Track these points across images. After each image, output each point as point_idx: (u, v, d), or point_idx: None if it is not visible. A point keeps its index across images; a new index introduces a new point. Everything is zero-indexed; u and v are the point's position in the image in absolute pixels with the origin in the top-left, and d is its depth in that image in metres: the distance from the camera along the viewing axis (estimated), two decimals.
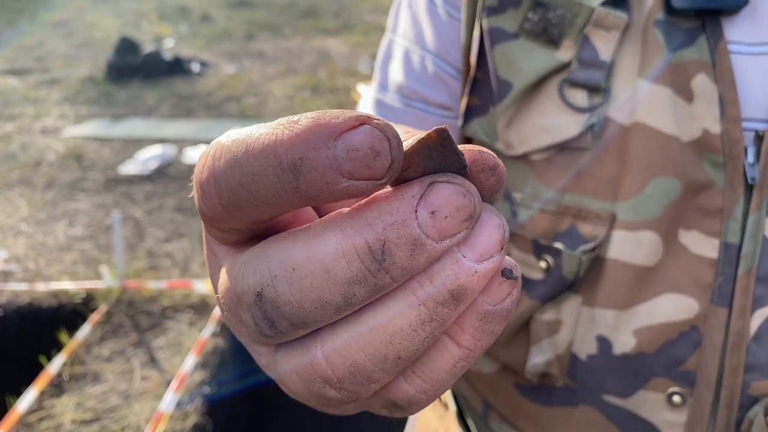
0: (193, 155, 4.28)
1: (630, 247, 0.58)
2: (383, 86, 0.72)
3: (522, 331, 0.65)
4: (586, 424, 0.63)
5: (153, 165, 4.11)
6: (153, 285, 2.79)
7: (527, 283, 0.64)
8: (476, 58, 0.64)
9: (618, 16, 0.56)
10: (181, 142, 4.54)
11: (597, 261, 0.60)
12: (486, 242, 0.23)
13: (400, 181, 0.23)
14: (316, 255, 0.22)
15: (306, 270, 0.23)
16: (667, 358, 0.59)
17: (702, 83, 0.54)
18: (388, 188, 0.23)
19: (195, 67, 6.54)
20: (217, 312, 2.56)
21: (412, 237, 0.22)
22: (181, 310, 2.67)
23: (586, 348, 0.62)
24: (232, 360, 2.42)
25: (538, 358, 0.63)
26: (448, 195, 0.22)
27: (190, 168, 4.15)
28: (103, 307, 2.65)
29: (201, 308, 2.69)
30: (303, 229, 0.24)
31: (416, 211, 0.22)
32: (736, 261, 0.55)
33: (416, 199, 0.22)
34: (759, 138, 0.53)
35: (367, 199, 0.23)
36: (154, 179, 4.00)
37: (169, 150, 4.32)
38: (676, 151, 0.56)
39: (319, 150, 0.20)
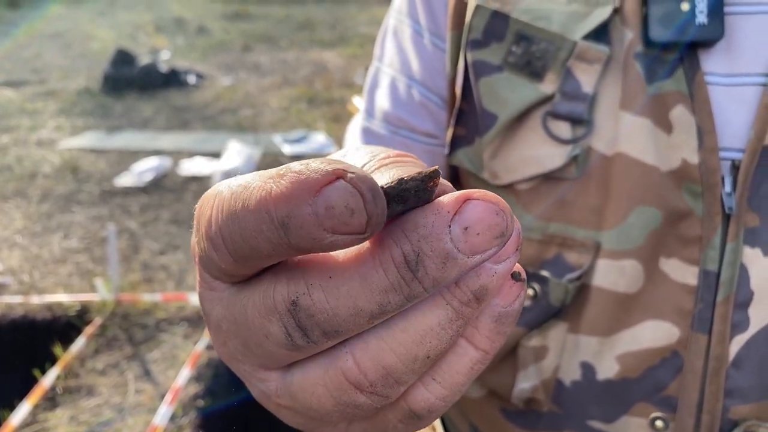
0: (189, 167, 4.28)
1: (613, 275, 0.59)
2: (370, 114, 0.73)
3: (509, 356, 0.65)
4: None
5: (149, 177, 4.11)
6: (148, 298, 2.79)
7: None
8: (461, 90, 0.65)
9: (599, 49, 0.57)
10: (177, 154, 4.55)
11: (582, 289, 0.61)
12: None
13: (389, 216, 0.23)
14: (353, 263, 0.23)
15: (343, 278, 0.23)
16: (649, 383, 0.60)
17: (680, 114, 0.56)
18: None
19: (191, 79, 6.56)
20: None
21: (444, 251, 0.22)
22: (176, 323, 2.67)
23: (571, 374, 0.63)
24: (226, 373, 2.41)
25: (525, 383, 0.64)
26: (481, 212, 0.23)
27: (186, 180, 4.15)
28: (97, 320, 2.65)
29: (196, 321, 2.69)
30: None
31: (450, 226, 0.23)
32: (715, 288, 0.56)
33: (451, 214, 0.23)
34: (735, 168, 0.55)
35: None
36: (149, 191, 4.00)
37: (165, 162, 4.32)
38: (657, 181, 0.57)
39: (302, 207, 0.21)
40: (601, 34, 0.58)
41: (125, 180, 4.10)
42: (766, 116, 0.54)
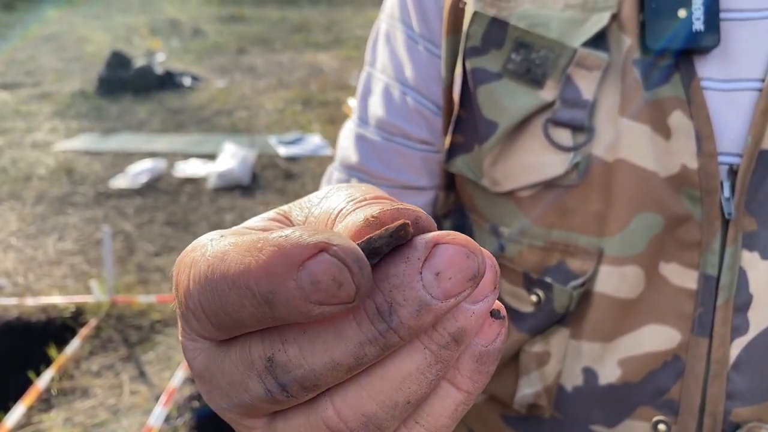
0: (185, 168, 4.28)
1: (615, 281, 0.59)
2: (364, 121, 0.72)
3: (511, 362, 0.66)
4: None
5: (143, 179, 4.11)
6: (142, 299, 2.79)
7: (517, 316, 0.64)
8: (459, 97, 0.64)
9: (599, 56, 0.57)
10: (172, 156, 4.55)
11: (584, 295, 0.61)
12: (480, 284, 0.24)
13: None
14: (327, 318, 0.23)
15: (317, 332, 0.23)
16: (651, 387, 0.60)
17: (678, 120, 0.56)
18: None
19: (186, 81, 6.56)
20: None
21: (417, 298, 0.22)
22: (171, 324, 2.67)
23: (573, 380, 0.63)
24: None
25: (527, 389, 0.64)
26: (452, 256, 0.22)
27: (181, 181, 4.15)
28: (92, 322, 2.65)
29: None
30: None
31: (421, 273, 0.22)
32: (715, 292, 0.56)
33: (421, 261, 0.22)
34: (733, 172, 0.55)
35: None
36: (144, 193, 4.00)
37: (160, 164, 4.32)
38: (657, 187, 0.57)
39: (286, 283, 0.21)
40: (599, 40, 0.58)
41: (120, 182, 4.10)
42: (763, 121, 0.54)
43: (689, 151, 0.56)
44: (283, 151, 4.62)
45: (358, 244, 0.22)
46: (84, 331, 2.58)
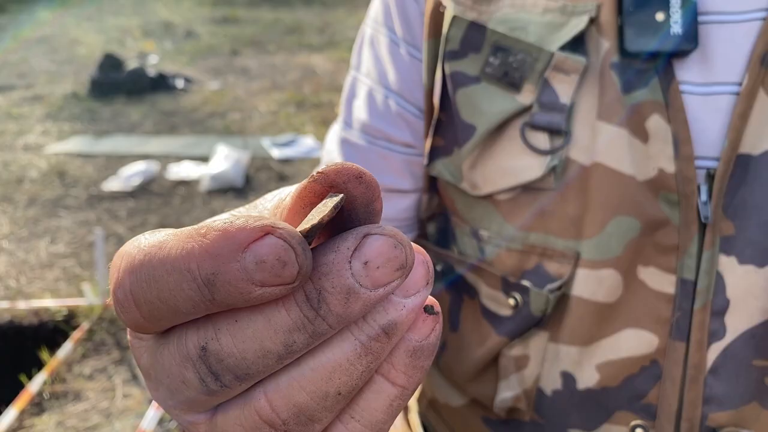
0: (178, 171, 4.27)
1: (592, 284, 0.60)
2: (348, 124, 0.74)
3: (491, 366, 0.66)
4: None
5: (136, 181, 4.10)
6: None
7: (496, 320, 0.65)
8: (439, 100, 0.65)
9: (577, 60, 0.58)
10: (165, 159, 4.54)
11: (562, 298, 0.61)
12: (412, 278, 0.25)
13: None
14: (257, 305, 0.23)
15: (248, 320, 0.24)
16: (629, 391, 0.61)
17: (656, 123, 0.56)
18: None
19: (179, 83, 6.54)
20: None
21: (346, 285, 0.23)
22: None
23: (552, 383, 0.63)
24: None
25: (507, 393, 0.65)
26: (380, 246, 0.23)
27: (174, 184, 4.15)
28: (84, 325, 2.63)
29: None
30: None
31: (350, 262, 0.23)
32: (692, 296, 0.57)
33: (350, 251, 0.23)
34: (711, 176, 0.55)
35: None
36: (137, 196, 3.99)
37: (153, 166, 4.31)
38: (634, 191, 0.57)
39: (230, 264, 0.22)
40: (577, 44, 0.58)
41: (112, 184, 4.09)
42: (740, 125, 0.54)
43: (667, 155, 0.56)
44: (276, 153, 4.62)
45: (299, 231, 0.23)
46: (76, 335, 2.57)
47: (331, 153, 0.75)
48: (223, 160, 4.19)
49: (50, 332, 2.64)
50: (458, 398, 0.72)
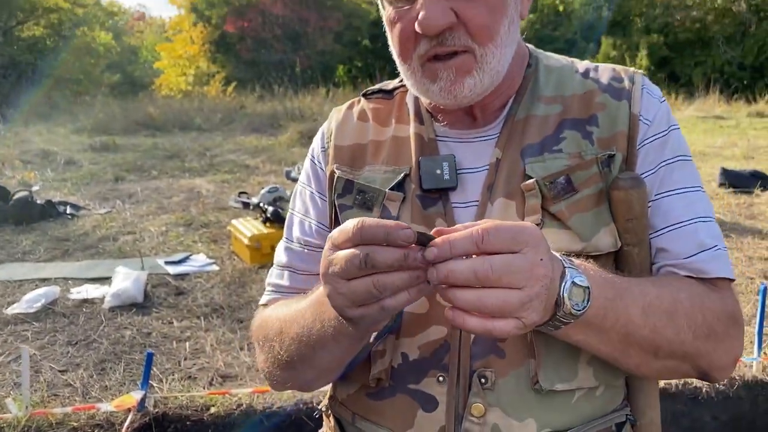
0: (79, 291, 4.54)
1: (415, 306, 0.95)
2: (289, 239, 1.16)
3: (366, 360, 1.01)
4: (401, 404, 0.99)
5: (38, 304, 4.31)
6: (59, 410, 3.04)
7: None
8: (334, 220, 1.08)
9: (397, 194, 1.01)
10: (63, 282, 4.77)
11: (400, 313, 0.97)
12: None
13: None
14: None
15: (385, 250, 0.74)
16: (435, 359, 0.97)
17: (440, 223, 0.98)
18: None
19: (68, 209, 6.77)
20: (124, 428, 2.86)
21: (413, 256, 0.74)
22: None
23: (397, 360, 0.99)
24: None
25: (375, 371, 0.99)
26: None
27: (78, 303, 4.39)
28: None
29: (108, 428, 2.97)
30: None
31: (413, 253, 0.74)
32: None
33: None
34: None
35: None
36: (41, 318, 4.19)
37: (53, 289, 4.54)
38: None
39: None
40: (399, 186, 1.02)
41: (15, 309, 4.28)
42: (478, 219, 0.94)
43: None
44: (172, 270, 5.00)
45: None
46: None
47: (279, 255, 1.22)
48: (123, 278, 4.52)
49: None
50: (353, 387, 1.05)
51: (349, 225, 0.75)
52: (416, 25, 0.92)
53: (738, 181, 7.26)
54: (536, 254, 0.73)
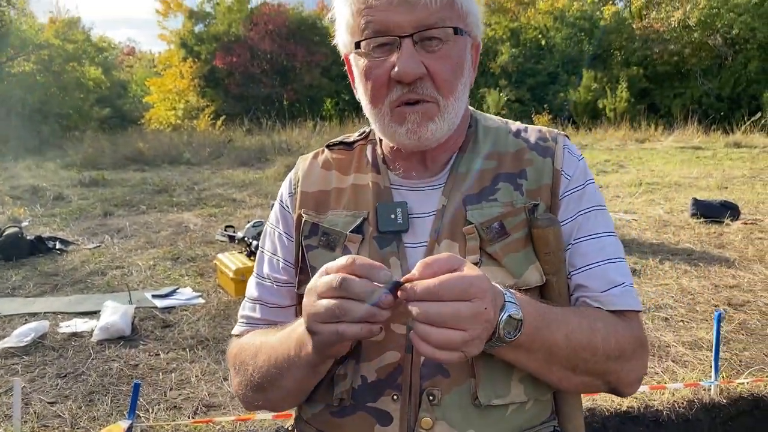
0: (68, 325, 4.67)
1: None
2: (260, 274, 1.29)
3: (329, 381, 1.11)
4: (361, 420, 1.09)
5: (28, 338, 4.44)
6: None
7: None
8: (300, 259, 1.21)
9: (357, 236, 1.14)
10: (53, 317, 4.90)
11: (359, 342, 1.08)
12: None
13: None
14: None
15: (353, 281, 0.91)
16: (390, 380, 1.07)
17: (394, 261, 1.11)
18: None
19: (57, 245, 6.91)
20: None
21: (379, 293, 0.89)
22: None
23: (357, 382, 1.10)
24: None
25: (337, 391, 1.10)
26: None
27: (67, 337, 4.53)
28: None
29: None
30: None
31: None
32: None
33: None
34: None
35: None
36: (30, 351, 4.31)
37: (43, 324, 4.66)
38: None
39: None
40: (358, 229, 1.14)
41: (6, 343, 4.40)
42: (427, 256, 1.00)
43: (398, 275, 1.19)
44: (159, 303, 5.14)
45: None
46: None
47: (250, 289, 1.38)
48: (111, 312, 4.66)
49: None
50: (317, 407, 1.16)
51: (344, 259, 0.93)
52: (393, 73, 1.07)
53: (709, 212, 7.51)
54: (482, 304, 0.88)
